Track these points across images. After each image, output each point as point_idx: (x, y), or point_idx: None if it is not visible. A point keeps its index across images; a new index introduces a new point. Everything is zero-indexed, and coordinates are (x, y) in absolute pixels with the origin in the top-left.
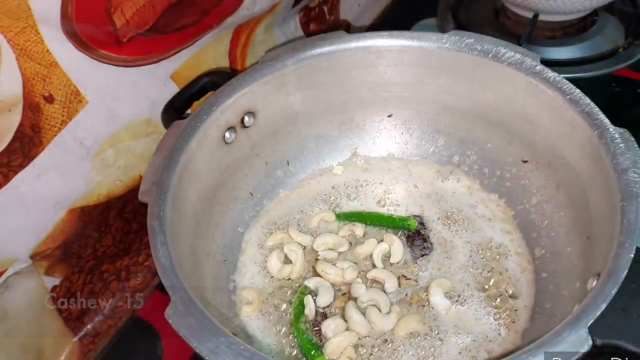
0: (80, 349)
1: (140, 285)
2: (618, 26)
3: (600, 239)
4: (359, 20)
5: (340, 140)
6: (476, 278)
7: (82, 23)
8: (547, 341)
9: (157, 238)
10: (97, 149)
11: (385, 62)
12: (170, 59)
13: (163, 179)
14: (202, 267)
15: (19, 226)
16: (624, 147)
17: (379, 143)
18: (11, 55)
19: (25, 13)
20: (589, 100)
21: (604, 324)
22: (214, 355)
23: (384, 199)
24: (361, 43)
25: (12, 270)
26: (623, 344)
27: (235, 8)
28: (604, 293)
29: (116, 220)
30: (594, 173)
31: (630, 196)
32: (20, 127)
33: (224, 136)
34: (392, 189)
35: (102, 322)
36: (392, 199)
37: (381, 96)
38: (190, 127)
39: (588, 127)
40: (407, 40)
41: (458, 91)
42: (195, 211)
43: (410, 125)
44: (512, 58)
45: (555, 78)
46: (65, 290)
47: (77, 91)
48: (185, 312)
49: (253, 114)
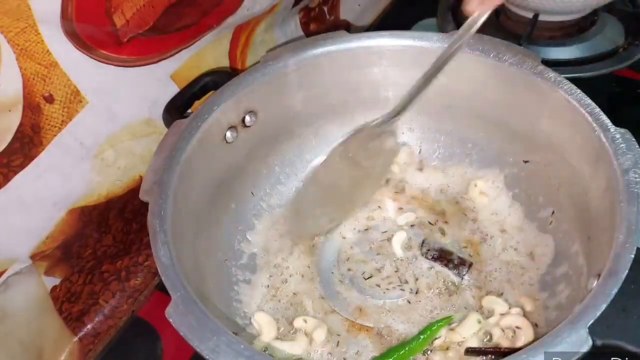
0: (80, 349)
1: (140, 285)
2: (618, 26)
3: (601, 239)
4: (359, 21)
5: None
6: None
7: (82, 23)
8: (547, 341)
9: (158, 237)
10: (97, 149)
11: (387, 62)
12: (170, 59)
13: (164, 178)
14: (203, 266)
15: (19, 226)
16: (625, 147)
17: None
18: (11, 55)
19: (25, 13)
20: (590, 101)
21: (604, 324)
22: (214, 354)
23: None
24: (362, 43)
25: (12, 270)
26: (623, 344)
27: (236, 8)
28: (604, 293)
29: (116, 220)
30: (594, 173)
31: (631, 197)
32: (21, 127)
33: (225, 135)
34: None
35: (102, 322)
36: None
37: (382, 96)
38: (191, 126)
39: (589, 128)
40: (409, 40)
41: (459, 91)
42: (196, 210)
43: (411, 125)
44: (513, 58)
45: (556, 78)
46: (65, 290)
47: (77, 91)
48: (186, 311)
49: (254, 114)
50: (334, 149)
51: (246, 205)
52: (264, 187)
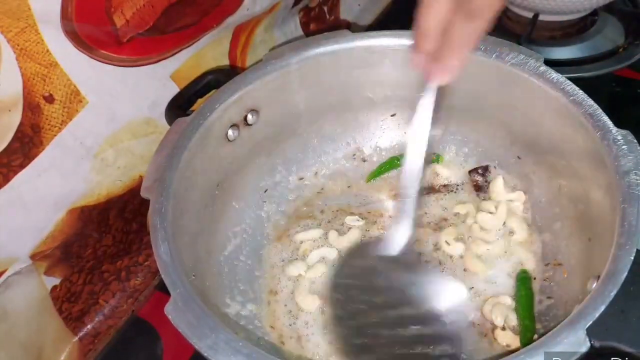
0: (80, 349)
1: (140, 285)
2: (618, 26)
3: (602, 241)
4: (359, 20)
5: (343, 139)
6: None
7: (82, 23)
8: (545, 342)
9: (159, 234)
10: (97, 149)
11: (389, 62)
12: (170, 59)
13: (165, 176)
14: (204, 264)
15: (19, 226)
16: (626, 149)
17: (382, 142)
18: (11, 55)
19: (25, 13)
20: (592, 102)
21: (603, 326)
22: (212, 351)
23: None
24: (365, 42)
25: (12, 270)
26: (622, 346)
27: (236, 8)
28: (603, 295)
29: (116, 220)
30: (596, 175)
31: (632, 198)
32: (20, 127)
33: (226, 134)
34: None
35: (102, 322)
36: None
37: (385, 95)
38: (193, 124)
39: (591, 129)
40: (411, 40)
41: (461, 91)
42: (198, 208)
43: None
44: (515, 59)
45: (558, 79)
46: (65, 290)
47: (77, 91)
48: (185, 308)
49: (256, 112)
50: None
51: (248, 203)
52: (265, 186)
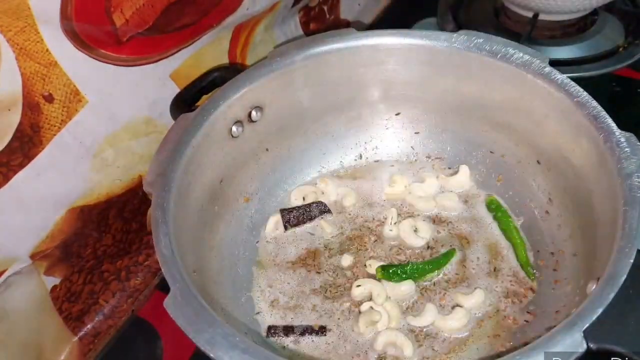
0: (80, 348)
1: (140, 285)
2: (618, 26)
3: (603, 243)
4: (359, 20)
5: (347, 137)
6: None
7: (82, 22)
8: (542, 344)
9: (160, 228)
10: (97, 149)
11: (394, 61)
12: (170, 59)
13: (168, 171)
14: (206, 259)
15: (19, 226)
16: (629, 151)
17: (386, 141)
18: (11, 55)
19: (24, 12)
20: (595, 104)
21: (601, 329)
22: (210, 345)
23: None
24: (370, 41)
25: (12, 269)
26: (619, 349)
27: (235, 7)
28: (601, 298)
29: (116, 219)
30: (598, 177)
31: (633, 201)
32: (20, 126)
33: (230, 130)
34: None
35: (102, 322)
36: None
37: (389, 94)
38: (197, 120)
39: (594, 131)
40: (417, 39)
41: (466, 91)
42: (200, 203)
43: (418, 124)
44: (520, 59)
45: (562, 80)
46: (65, 289)
47: (77, 91)
48: (184, 302)
49: (260, 109)
50: None
51: (251, 200)
52: (268, 183)
